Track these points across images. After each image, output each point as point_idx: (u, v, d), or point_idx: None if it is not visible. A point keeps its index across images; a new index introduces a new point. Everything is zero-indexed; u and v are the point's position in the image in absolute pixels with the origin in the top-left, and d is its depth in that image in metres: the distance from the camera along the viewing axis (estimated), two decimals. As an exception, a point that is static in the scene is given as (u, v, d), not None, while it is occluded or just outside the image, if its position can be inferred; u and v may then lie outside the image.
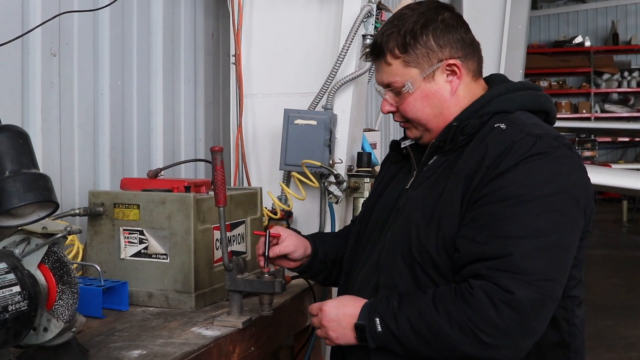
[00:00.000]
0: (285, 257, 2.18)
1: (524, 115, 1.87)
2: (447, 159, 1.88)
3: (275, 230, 2.18)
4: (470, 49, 1.94)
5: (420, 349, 1.71)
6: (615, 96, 16.93)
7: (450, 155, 1.88)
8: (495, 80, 1.99)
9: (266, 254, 2.10)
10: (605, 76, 16.87)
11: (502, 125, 1.81)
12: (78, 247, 2.49)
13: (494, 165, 1.72)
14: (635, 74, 16.77)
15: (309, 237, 2.27)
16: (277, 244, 2.16)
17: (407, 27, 1.88)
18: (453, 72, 1.90)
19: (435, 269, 1.78)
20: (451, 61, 1.89)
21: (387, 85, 1.94)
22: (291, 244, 2.17)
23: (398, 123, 2.03)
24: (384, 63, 1.92)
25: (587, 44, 16.95)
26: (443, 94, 1.91)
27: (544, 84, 16.83)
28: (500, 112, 1.87)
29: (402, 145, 2.09)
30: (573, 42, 17.10)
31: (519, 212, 1.67)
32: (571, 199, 1.73)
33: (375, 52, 1.94)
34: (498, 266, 1.64)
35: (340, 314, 1.83)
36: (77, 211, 2.37)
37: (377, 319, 1.75)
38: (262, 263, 2.11)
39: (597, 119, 16.46)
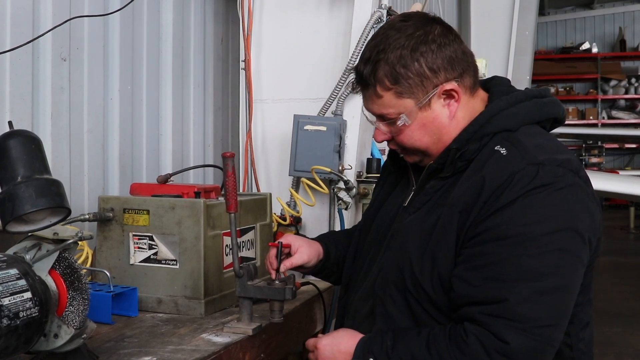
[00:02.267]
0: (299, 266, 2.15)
1: (528, 132, 1.73)
2: (443, 184, 1.76)
3: (286, 239, 2.13)
4: (465, 63, 1.76)
5: None
6: (622, 102, 16.89)
7: (447, 180, 1.76)
8: (495, 92, 1.82)
9: (278, 267, 2.08)
10: (613, 82, 16.84)
11: (503, 150, 1.67)
12: (87, 253, 2.48)
13: (492, 199, 1.60)
14: (643, 80, 16.75)
15: (321, 240, 2.22)
16: (289, 253, 2.11)
17: (396, 53, 1.70)
18: (450, 96, 1.75)
19: (430, 302, 1.71)
20: (448, 86, 1.72)
21: (380, 116, 1.80)
22: (304, 255, 2.11)
23: None
24: (373, 94, 1.76)
25: (594, 50, 16.93)
26: (441, 120, 1.75)
27: (551, 90, 16.81)
28: (501, 131, 1.73)
29: (401, 155, 1.96)
30: (580, 48, 17.08)
31: (517, 253, 1.56)
32: (574, 235, 1.60)
33: (362, 82, 1.77)
34: (493, 312, 1.56)
35: (335, 351, 1.80)
36: (87, 216, 2.37)
37: (371, 359, 1.71)
38: (273, 276, 2.08)
39: (604, 125, 16.43)
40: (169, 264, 2.32)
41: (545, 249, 1.56)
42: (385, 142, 1.88)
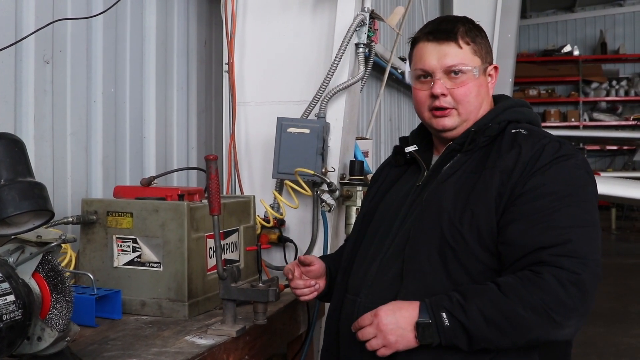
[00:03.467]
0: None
1: (532, 126, 2.04)
2: (469, 158, 2.00)
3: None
4: None
5: (490, 337, 1.75)
6: (603, 105, 17.04)
7: (471, 154, 2.00)
8: (503, 97, 2.18)
9: (259, 269, 2.10)
10: (594, 85, 16.99)
11: (523, 131, 1.98)
12: (71, 255, 2.48)
13: (531, 163, 1.88)
14: (623, 82, 16.90)
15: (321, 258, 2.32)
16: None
17: (470, 25, 2.07)
18: (491, 76, 2.11)
19: (467, 251, 1.85)
20: (495, 65, 2.11)
21: (451, 67, 2.01)
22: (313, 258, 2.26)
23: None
24: (454, 45, 2.03)
25: (576, 53, 17.07)
26: (487, 90, 2.10)
27: (533, 92, 16.93)
28: (513, 120, 2.05)
29: (407, 151, 2.16)
30: (562, 51, 17.20)
31: (564, 204, 1.83)
32: (593, 195, 1.92)
33: (446, 34, 2.03)
34: (559, 252, 1.76)
35: (397, 316, 1.81)
36: (70, 219, 2.37)
37: (444, 314, 1.76)
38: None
39: (585, 127, 16.55)
40: (152, 267, 2.33)
41: (583, 202, 1.86)
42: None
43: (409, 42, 2.16)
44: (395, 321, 1.80)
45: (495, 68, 2.11)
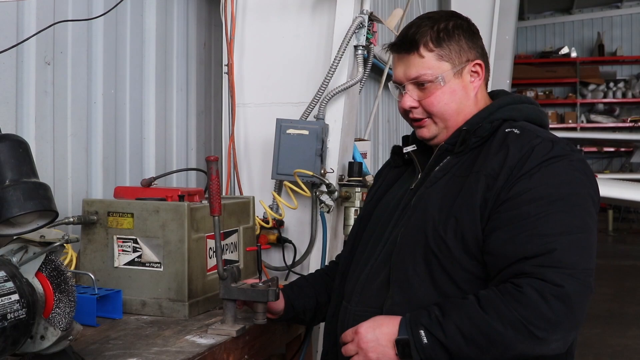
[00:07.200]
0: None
1: (528, 125, 1.93)
2: (459, 160, 1.93)
3: None
4: (486, 59, 2.04)
5: (470, 355, 1.69)
6: (600, 106, 17.07)
7: (462, 156, 1.93)
8: (502, 93, 2.08)
9: (259, 269, 2.12)
10: (591, 87, 17.01)
11: (516, 131, 1.88)
12: (72, 255, 2.49)
13: (518, 166, 1.79)
14: (621, 84, 16.93)
15: (285, 291, 2.28)
16: None
17: (440, 25, 1.96)
18: (476, 73, 2.00)
19: (451, 260, 1.81)
20: (478, 61, 1.99)
21: (415, 79, 1.97)
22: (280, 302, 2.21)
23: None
24: (416, 55, 1.96)
25: (573, 54, 17.10)
26: (467, 92, 1.99)
27: (530, 94, 16.93)
28: (508, 119, 1.95)
29: (405, 151, 2.13)
30: (559, 52, 17.23)
31: (552, 210, 1.73)
32: (589, 198, 1.81)
33: (406, 44, 1.97)
34: (543, 263, 1.68)
35: (378, 333, 1.79)
36: (71, 219, 2.38)
37: (422, 331, 1.72)
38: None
39: (583, 129, 16.57)
40: (153, 267, 2.34)
41: (572, 206, 1.76)
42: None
43: (385, 50, 2.10)
44: (376, 338, 1.78)
45: (479, 65, 1.99)
